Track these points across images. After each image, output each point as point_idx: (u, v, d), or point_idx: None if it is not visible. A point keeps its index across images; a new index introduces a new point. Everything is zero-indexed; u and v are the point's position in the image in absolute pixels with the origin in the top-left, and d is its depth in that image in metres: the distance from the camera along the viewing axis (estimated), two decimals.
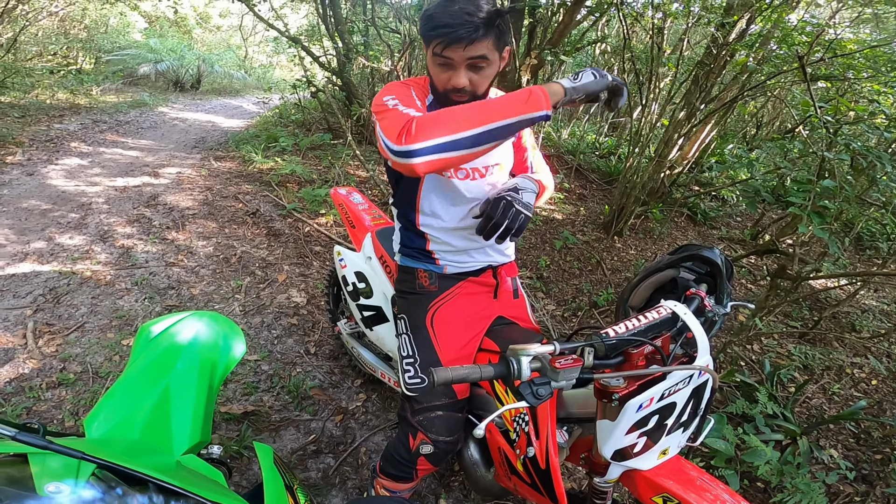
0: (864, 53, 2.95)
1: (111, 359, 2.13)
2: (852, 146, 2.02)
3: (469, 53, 1.04)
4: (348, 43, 5.64)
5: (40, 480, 0.59)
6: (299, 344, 2.42)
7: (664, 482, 0.96)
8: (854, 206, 2.23)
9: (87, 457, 0.62)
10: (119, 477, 0.66)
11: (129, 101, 7.97)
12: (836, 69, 3.09)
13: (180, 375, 1.05)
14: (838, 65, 3.07)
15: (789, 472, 1.75)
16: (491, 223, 1.09)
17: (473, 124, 0.93)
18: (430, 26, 1.04)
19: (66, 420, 1.81)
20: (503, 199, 1.10)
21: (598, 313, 3.02)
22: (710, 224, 4.86)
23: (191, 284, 2.76)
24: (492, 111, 0.94)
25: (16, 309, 2.33)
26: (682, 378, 0.91)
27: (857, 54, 2.91)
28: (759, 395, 2.07)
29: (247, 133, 6.42)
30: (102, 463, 0.63)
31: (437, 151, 0.93)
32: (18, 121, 5.58)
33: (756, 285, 3.76)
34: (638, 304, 1.24)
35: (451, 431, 1.28)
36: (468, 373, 0.81)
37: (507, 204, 1.09)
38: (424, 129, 0.93)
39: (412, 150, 0.92)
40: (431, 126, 0.93)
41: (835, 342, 2.96)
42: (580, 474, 1.91)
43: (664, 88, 4.17)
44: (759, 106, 5.64)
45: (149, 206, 3.69)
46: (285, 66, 14.98)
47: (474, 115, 0.94)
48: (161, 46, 10.60)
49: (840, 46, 2.90)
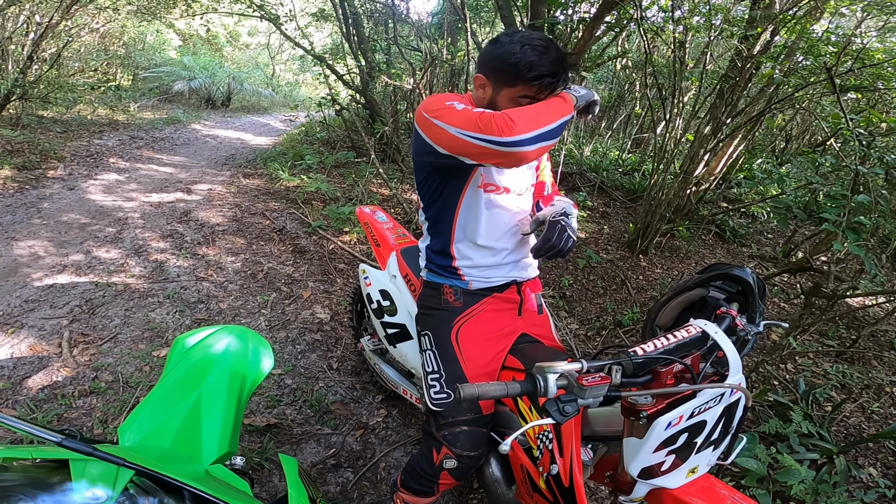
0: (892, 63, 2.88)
1: (142, 369, 2.19)
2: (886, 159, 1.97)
3: None
4: (371, 61, 5.79)
5: (80, 486, 0.61)
6: (322, 359, 2.45)
7: (692, 500, 0.94)
8: (890, 222, 2.16)
9: (129, 464, 0.64)
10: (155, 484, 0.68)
11: (164, 118, 8.31)
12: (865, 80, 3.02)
13: (211, 387, 1.09)
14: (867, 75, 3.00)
15: (825, 490, 1.70)
16: (548, 245, 1.18)
17: (555, 118, 1.05)
18: (533, 75, 1.09)
19: (96, 427, 1.86)
20: (559, 223, 1.20)
21: (623, 332, 2.96)
22: (739, 242, 4.74)
23: (219, 299, 2.83)
24: (557, 109, 1.07)
25: (53, 318, 2.43)
26: (713, 396, 0.89)
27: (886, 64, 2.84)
28: (794, 415, 2.01)
29: (274, 150, 6.61)
30: (141, 470, 0.65)
31: (542, 140, 1.01)
32: (60, 136, 5.86)
33: (790, 304, 3.64)
34: (666, 323, 1.22)
35: (475, 446, 1.28)
36: (495, 390, 0.81)
37: (563, 228, 1.19)
38: (524, 122, 0.99)
39: (522, 140, 0.98)
40: (529, 119, 1.00)
41: (873, 361, 2.84)
42: (602, 494, 1.86)
43: (688, 103, 4.13)
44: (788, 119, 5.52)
45: (181, 221, 3.82)
46: (311, 84, 15.44)
47: (552, 110, 1.05)
48: (194, 64, 11.04)
49: (868, 56, 2.83)
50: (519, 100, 1.14)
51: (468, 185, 1.25)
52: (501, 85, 1.14)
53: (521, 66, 1.09)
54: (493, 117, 1.00)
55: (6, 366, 2.08)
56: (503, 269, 1.35)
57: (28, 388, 1.99)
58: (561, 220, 1.21)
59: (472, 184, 1.25)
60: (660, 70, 4.30)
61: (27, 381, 2.02)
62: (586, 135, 7.80)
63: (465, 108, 1.06)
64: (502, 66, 1.12)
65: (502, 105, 1.16)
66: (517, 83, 1.11)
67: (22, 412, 1.88)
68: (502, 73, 1.12)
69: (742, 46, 3.30)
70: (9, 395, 1.94)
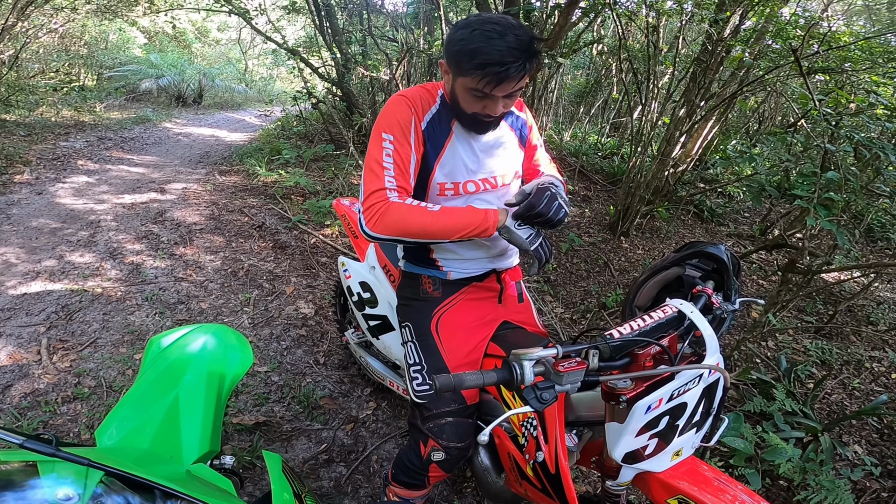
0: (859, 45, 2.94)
1: (124, 373, 2.15)
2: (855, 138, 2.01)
3: (512, 88, 1.05)
4: (346, 53, 5.69)
5: (50, 488, 0.60)
6: (308, 354, 2.43)
7: (679, 484, 0.95)
8: (861, 198, 2.21)
9: (94, 464, 0.63)
10: (126, 485, 0.67)
11: (132, 118, 8.06)
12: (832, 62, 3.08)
13: (189, 387, 1.07)
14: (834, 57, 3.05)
15: (812, 469, 1.72)
16: (535, 211, 1.11)
17: (432, 233, 1.10)
18: (476, 63, 0.99)
19: (83, 433, 1.83)
20: (547, 189, 1.14)
21: (608, 314, 3.00)
22: (717, 221, 4.83)
23: (200, 299, 2.78)
24: (452, 226, 1.10)
25: (29, 326, 2.36)
26: (692, 378, 0.90)
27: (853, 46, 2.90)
28: (777, 393, 2.04)
29: (250, 146, 6.48)
30: (108, 470, 0.64)
31: (393, 238, 1.12)
32: (25, 139, 5.65)
33: (767, 281, 3.73)
34: (644, 303, 1.23)
35: (461, 437, 1.28)
36: (471, 379, 0.80)
37: (552, 196, 1.13)
38: (390, 222, 1.09)
39: (374, 237, 1.12)
40: (397, 222, 1.09)
41: (852, 336, 2.92)
42: (594, 477, 1.89)
43: (663, 87, 4.17)
44: (760, 101, 5.61)
45: (156, 222, 3.73)
46: (286, 78, 15.12)
47: (437, 225, 1.09)
48: (162, 61, 10.71)
49: (834, 39, 2.89)
50: (472, 92, 1.06)
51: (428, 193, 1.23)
52: (456, 73, 1.07)
53: (465, 53, 1.00)
54: (376, 202, 1.10)
55: None
56: (482, 260, 1.34)
57: (11, 396, 1.95)
58: (550, 187, 1.14)
59: (432, 192, 1.23)
60: (635, 55, 4.32)
61: (9, 389, 1.98)
62: (566, 120, 7.83)
63: (384, 163, 1.11)
64: (453, 51, 1.04)
65: (459, 96, 1.10)
66: (467, 73, 1.02)
67: (7, 421, 1.85)
68: (453, 59, 1.05)
69: (712, 30, 3.34)
70: None
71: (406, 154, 1.14)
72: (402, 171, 1.13)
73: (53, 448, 0.62)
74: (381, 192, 1.10)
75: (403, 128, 1.13)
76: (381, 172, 1.11)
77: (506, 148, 1.29)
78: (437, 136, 1.18)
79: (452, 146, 1.20)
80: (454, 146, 1.20)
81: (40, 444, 0.62)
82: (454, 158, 1.20)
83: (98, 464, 0.64)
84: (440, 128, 1.19)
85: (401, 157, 1.13)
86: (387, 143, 1.12)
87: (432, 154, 1.19)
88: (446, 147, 1.19)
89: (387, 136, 1.13)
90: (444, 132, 1.19)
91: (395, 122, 1.13)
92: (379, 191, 1.10)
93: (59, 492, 0.60)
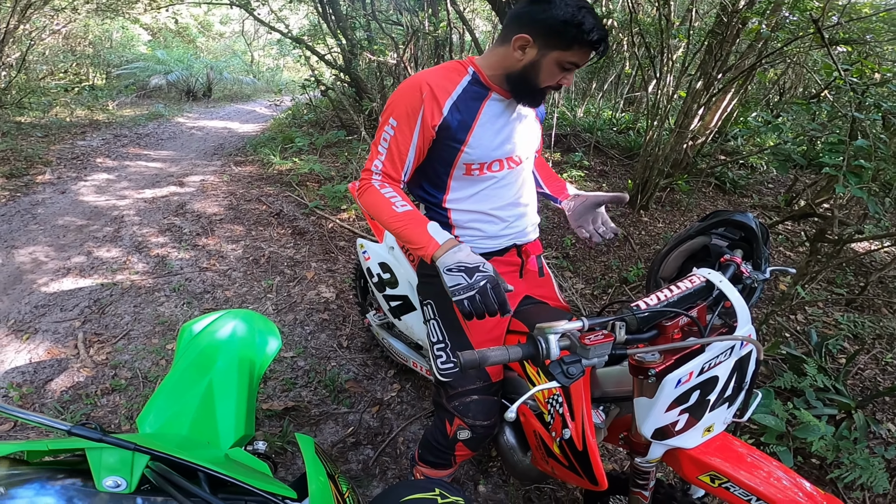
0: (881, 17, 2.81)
1: (158, 363, 2.22)
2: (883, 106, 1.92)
3: None
4: (352, 39, 5.64)
5: (98, 474, 0.61)
6: (332, 338, 2.47)
7: (711, 460, 0.92)
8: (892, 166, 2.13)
9: (140, 448, 0.64)
10: (171, 469, 0.68)
11: (145, 114, 8.15)
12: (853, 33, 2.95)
13: (221, 372, 1.09)
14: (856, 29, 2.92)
15: (846, 447, 1.67)
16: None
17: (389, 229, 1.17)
18: (585, 39, 1.03)
19: (123, 424, 1.90)
20: None
21: (630, 289, 2.97)
22: (740, 192, 4.70)
23: (225, 287, 2.83)
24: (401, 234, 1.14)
25: (65, 321, 2.44)
26: (723, 350, 0.87)
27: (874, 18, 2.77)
28: (808, 368, 1.97)
29: (263, 136, 6.51)
30: (155, 454, 0.65)
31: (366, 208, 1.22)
32: (42, 140, 5.75)
33: (795, 252, 3.63)
34: (669, 275, 1.19)
35: (487, 415, 1.28)
36: (496, 355, 0.78)
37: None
38: (366, 202, 1.19)
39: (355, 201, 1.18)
40: (369, 205, 1.19)
41: (884, 308, 2.81)
42: (621, 455, 1.89)
43: (677, 60, 4.04)
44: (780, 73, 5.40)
45: (177, 214, 3.80)
46: (292, 68, 15.08)
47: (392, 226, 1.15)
48: (168, 57, 10.75)
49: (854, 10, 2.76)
50: (565, 65, 1.09)
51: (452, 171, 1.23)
52: (551, 48, 1.07)
53: (584, 30, 1.03)
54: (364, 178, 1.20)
55: (27, 371, 2.12)
56: (502, 238, 1.33)
57: (52, 390, 2.02)
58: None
59: (457, 173, 1.23)
60: (646, 29, 4.18)
61: (49, 384, 2.05)
62: (578, 96, 7.66)
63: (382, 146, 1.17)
64: (560, 27, 1.04)
65: (544, 69, 1.10)
66: (573, 47, 1.05)
67: (51, 414, 1.91)
68: (557, 35, 1.05)
69: (727, 1, 3.21)
70: (35, 399, 1.98)
71: (405, 143, 1.15)
72: (393, 159, 1.17)
73: (99, 433, 0.63)
74: (368, 173, 1.20)
75: (410, 116, 1.13)
76: (374, 154, 1.18)
77: (528, 124, 1.29)
78: (465, 116, 1.16)
79: (481, 125, 1.18)
80: (483, 125, 1.18)
81: (87, 429, 0.63)
82: (483, 137, 1.18)
83: (144, 448, 0.64)
84: (468, 106, 1.17)
85: (397, 146, 1.15)
86: (389, 127, 1.15)
87: (460, 134, 1.16)
88: (475, 126, 1.17)
89: (392, 122, 1.15)
90: (472, 110, 1.17)
91: (403, 109, 1.13)
92: (367, 171, 1.20)
93: (107, 480, 0.61)
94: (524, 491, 1.71)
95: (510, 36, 1.09)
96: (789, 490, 0.88)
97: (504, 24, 1.16)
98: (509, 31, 1.11)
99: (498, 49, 1.14)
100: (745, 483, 0.88)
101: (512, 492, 1.71)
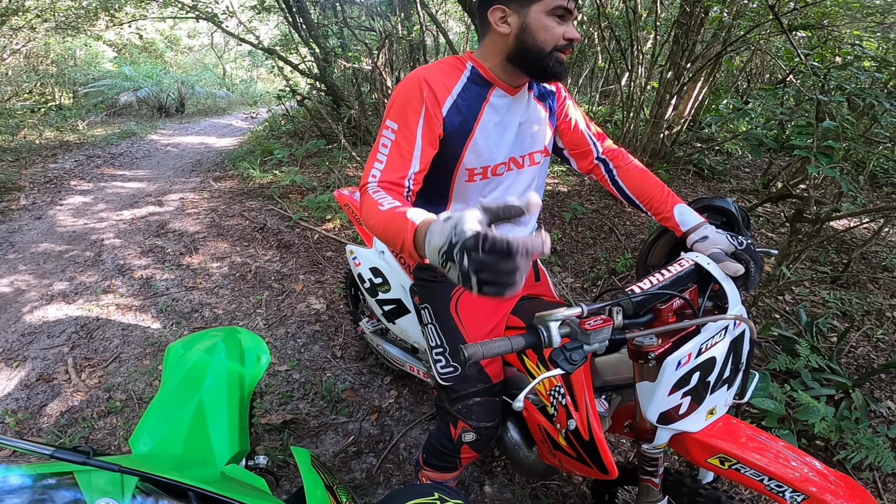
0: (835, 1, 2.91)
1: (151, 384, 2.19)
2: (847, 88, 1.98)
3: None
4: (325, 47, 5.61)
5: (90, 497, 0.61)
6: (325, 349, 2.45)
7: (718, 443, 0.93)
8: (860, 145, 2.19)
9: (125, 469, 0.64)
10: (162, 489, 0.68)
11: (117, 133, 7.97)
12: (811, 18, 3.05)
13: (211, 390, 1.09)
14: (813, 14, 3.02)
15: (848, 427, 1.66)
16: None
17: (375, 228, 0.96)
18: None
19: (122, 446, 1.87)
20: None
21: (618, 279, 3.01)
22: (718, 178, 4.81)
23: (213, 305, 2.79)
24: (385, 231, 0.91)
25: (53, 347, 2.40)
26: (718, 330, 0.90)
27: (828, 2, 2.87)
28: (801, 349, 1.97)
29: (241, 150, 6.43)
30: (141, 475, 0.65)
31: None
32: (13, 164, 5.58)
33: (776, 233, 3.72)
34: (657, 262, 1.23)
35: (490, 417, 1.29)
36: (499, 346, 0.78)
37: None
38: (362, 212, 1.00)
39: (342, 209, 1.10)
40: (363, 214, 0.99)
41: (869, 284, 2.85)
42: (625, 447, 1.91)
43: (647, 52, 4.12)
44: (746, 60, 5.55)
45: (159, 234, 3.73)
46: (266, 79, 14.93)
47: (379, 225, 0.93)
48: (136, 73, 10.49)
49: None
50: (554, 13, 1.01)
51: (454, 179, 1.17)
52: (529, 2, 1.00)
53: None
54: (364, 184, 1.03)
55: (21, 397, 2.09)
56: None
57: (48, 415, 2.00)
58: None
59: (459, 179, 1.16)
60: (615, 22, 4.26)
61: (45, 409, 2.03)
62: None
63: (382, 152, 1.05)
64: None
65: (537, 30, 1.02)
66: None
67: (49, 438, 1.89)
68: None
69: None
70: (31, 425, 1.95)
71: (409, 145, 1.05)
72: (394, 165, 1.04)
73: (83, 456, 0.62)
74: (366, 186, 1.05)
75: (411, 115, 1.05)
76: (371, 164, 1.05)
77: (535, 122, 1.21)
78: (466, 116, 1.09)
79: (483, 125, 1.11)
80: (485, 125, 1.12)
81: (71, 453, 0.63)
82: (486, 138, 1.12)
83: (130, 469, 0.64)
84: (469, 105, 1.10)
85: (399, 150, 1.04)
86: (388, 131, 1.06)
87: (460, 136, 1.10)
88: (476, 127, 1.11)
89: (391, 125, 1.06)
90: (473, 110, 1.10)
91: (403, 108, 1.06)
92: (365, 184, 1.05)
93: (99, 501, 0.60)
94: (530, 489, 1.72)
95: (487, 18, 1.06)
96: (799, 469, 0.88)
97: (479, 16, 1.09)
98: (484, 14, 1.06)
99: (485, 38, 1.10)
100: (756, 463, 0.89)
101: (518, 490, 1.72)
